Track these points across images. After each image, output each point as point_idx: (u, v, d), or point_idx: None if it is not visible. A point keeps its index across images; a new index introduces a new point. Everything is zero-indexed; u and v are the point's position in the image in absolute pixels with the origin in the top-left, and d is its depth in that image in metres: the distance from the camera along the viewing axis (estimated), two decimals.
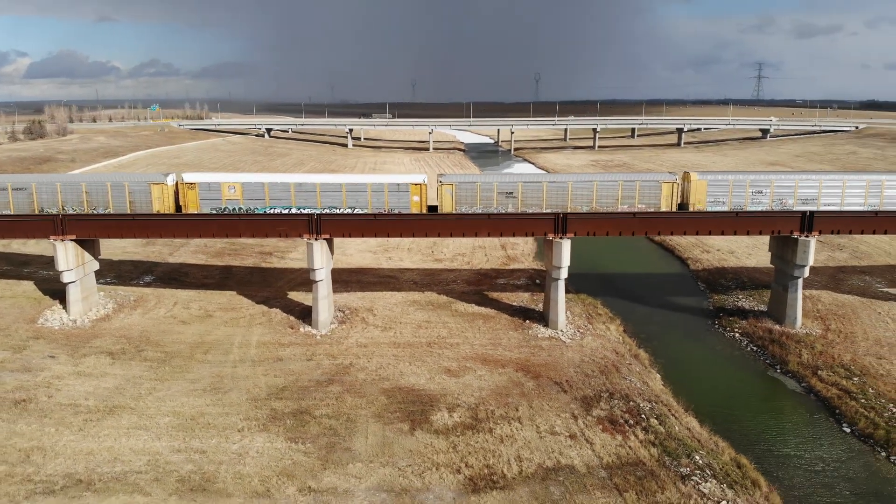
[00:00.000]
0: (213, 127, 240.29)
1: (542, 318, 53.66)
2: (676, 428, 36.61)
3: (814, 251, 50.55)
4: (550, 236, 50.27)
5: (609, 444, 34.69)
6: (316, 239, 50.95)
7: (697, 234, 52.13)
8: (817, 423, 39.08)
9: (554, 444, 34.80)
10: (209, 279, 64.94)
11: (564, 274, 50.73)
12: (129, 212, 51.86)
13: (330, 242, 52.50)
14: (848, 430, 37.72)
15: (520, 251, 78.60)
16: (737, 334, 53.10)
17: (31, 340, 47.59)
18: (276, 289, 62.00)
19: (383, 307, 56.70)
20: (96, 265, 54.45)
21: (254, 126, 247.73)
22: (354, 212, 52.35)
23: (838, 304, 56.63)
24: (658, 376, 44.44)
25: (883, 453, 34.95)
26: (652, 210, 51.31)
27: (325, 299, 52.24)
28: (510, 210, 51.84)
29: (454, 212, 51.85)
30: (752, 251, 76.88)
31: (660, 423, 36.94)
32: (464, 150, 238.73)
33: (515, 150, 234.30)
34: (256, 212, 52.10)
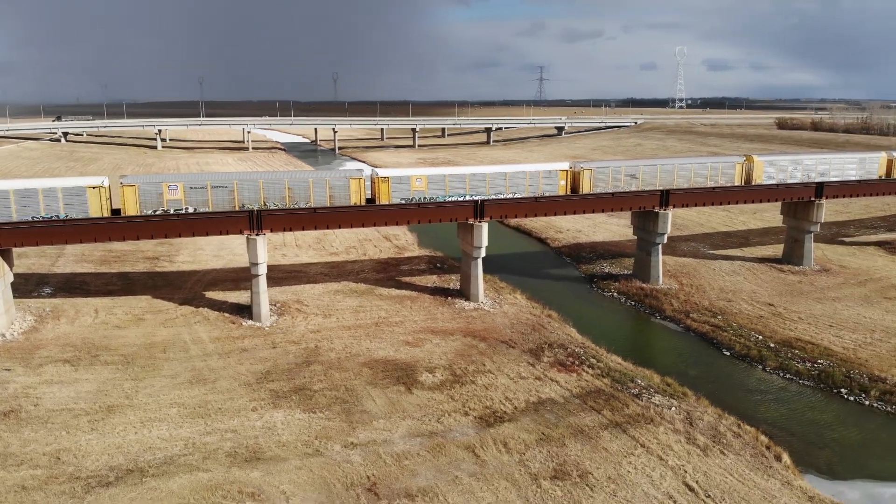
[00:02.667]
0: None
1: (461, 294, 60.80)
2: (611, 364, 45.82)
3: (670, 223, 63.39)
4: (471, 221, 57.59)
5: (569, 381, 42.88)
6: (258, 234, 53.39)
7: (593, 212, 63.12)
8: (704, 351, 50.75)
9: (528, 385, 42.21)
10: (112, 286, 63.15)
11: (483, 253, 58.35)
12: (328, 205, 54.65)
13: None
14: (728, 354, 49.69)
15: (404, 241, 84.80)
16: (614, 294, 64.53)
17: None
18: (189, 290, 62.29)
19: (310, 298, 60.13)
20: (12, 277, 51.58)
21: (47, 130, 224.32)
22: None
23: (681, 266, 70.56)
24: (573, 329, 53.63)
25: (759, 366, 47.10)
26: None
27: (265, 293, 54.70)
28: (632, 189, 62.88)
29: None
30: (595, 229, 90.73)
31: (597, 362, 45.95)
32: (284, 150, 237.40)
33: (339, 149, 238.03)
34: (437, 200, 57.90)
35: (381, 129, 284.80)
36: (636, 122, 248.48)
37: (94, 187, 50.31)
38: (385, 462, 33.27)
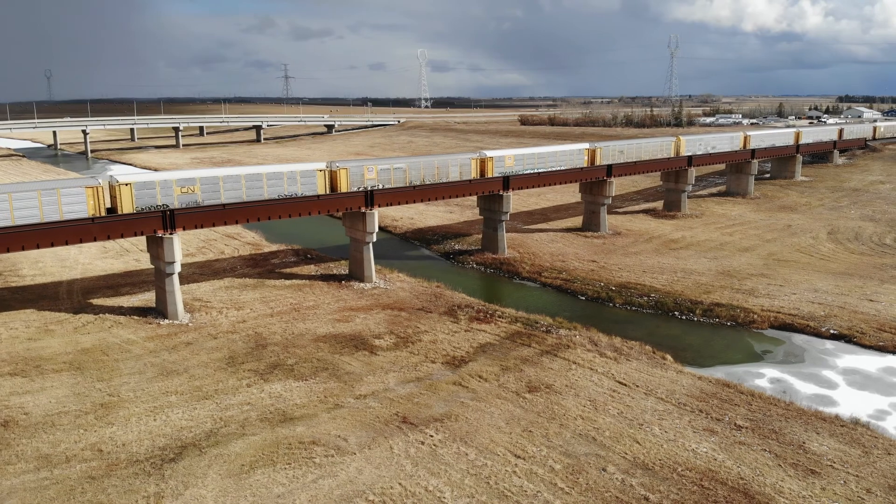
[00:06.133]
0: None
1: (352, 277, 67.34)
2: (512, 314, 56.84)
3: (511, 203, 76.54)
4: (364, 209, 64.53)
5: (492, 329, 52.97)
6: (171, 233, 54.68)
7: (456, 196, 73.55)
8: (566, 299, 64.24)
9: (463, 336, 51.37)
10: None
11: (374, 238, 65.68)
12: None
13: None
14: (583, 298, 63.78)
15: (251, 238, 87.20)
16: (473, 265, 76.06)
17: None
18: (71, 301, 60.14)
19: (206, 295, 62.12)
20: None
21: None
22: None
23: (511, 238, 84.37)
24: (464, 294, 63.67)
25: (610, 304, 61.71)
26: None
27: (178, 292, 56.10)
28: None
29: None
30: (424, 217, 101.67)
31: (501, 314, 56.70)
32: (26, 156, 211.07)
33: (92, 152, 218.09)
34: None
35: (132, 130, 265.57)
36: (399, 121, 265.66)
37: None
38: (399, 402, 40.24)
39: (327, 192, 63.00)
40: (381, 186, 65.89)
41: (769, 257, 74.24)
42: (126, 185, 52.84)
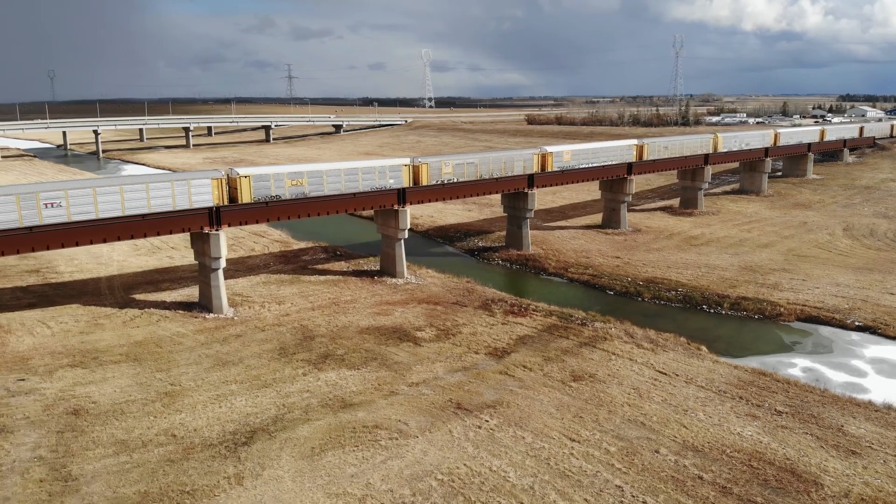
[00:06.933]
0: None
1: (384, 273, 68.96)
2: (546, 308, 58.51)
3: (536, 201, 78.22)
4: (397, 207, 66.19)
5: (529, 322, 54.64)
6: (217, 230, 56.37)
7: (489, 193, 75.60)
8: (594, 293, 65.93)
9: (501, 329, 53.05)
10: (24, 300, 59.95)
11: (406, 235, 67.34)
12: None
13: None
14: (611, 293, 65.47)
15: (278, 236, 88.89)
16: (499, 261, 77.76)
17: None
18: (113, 296, 61.74)
19: (246, 290, 63.81)
20: None
21: None
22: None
23: (533, 235, 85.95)
24: (494, 289, 65.36)
25: (639, 298, 63.41)
26: None
27: (223, 286, 57.81)
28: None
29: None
30: (443, 215, 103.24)
31: (535, 308, 58.38)
32: (37, 157, 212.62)
33: (103, 152, 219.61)
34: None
35: (140, 130, 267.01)
36: (406, 121, 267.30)
37: None
38: (451, 390, 41.90)
39: (411, 185, 67.55)
40: (455, 180, 70.78)
41: (789, 253, 75.96)
42: (245, 177, 57.52)
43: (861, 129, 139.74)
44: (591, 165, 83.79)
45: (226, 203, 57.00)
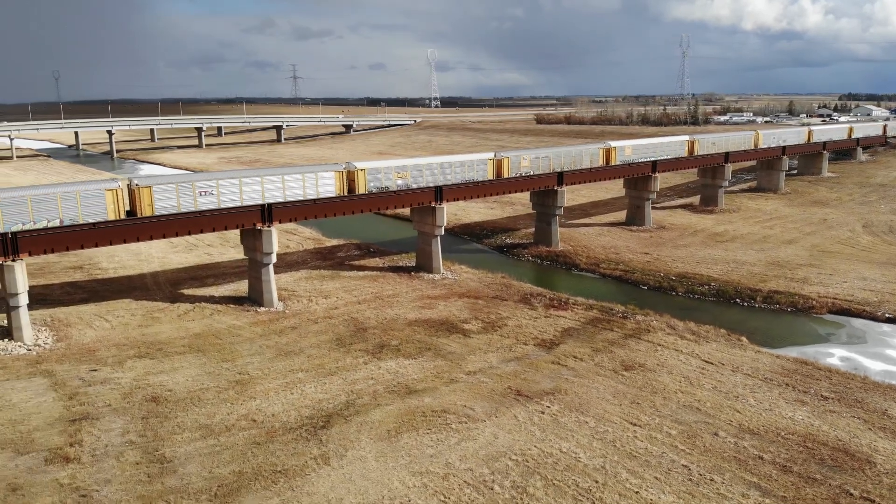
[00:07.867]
0: None
1: (420, 269, 70.77)
2: (584, 301, 60.36)
3: (565, 198, 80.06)
4: (434, 204, 68.05)
5: (571, 315, 56.48)
6: (269, 226, 58.22)
7: (511, 192, 77.17)
8: (628, 288, 67.72)
9: (545, 322, 54.88)
10: (75, 295, 61.78)
11: (443, 232, 69.21)
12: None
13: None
14: (645, 288, 67.30)
15: (309, 234, 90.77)
16: (529, 258, 79.60)
17: (30, 368, 44.30)
18: (162, 291, 63.59)
19: (290, 284, 65.57)
20: None
21: None
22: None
23: (560, 233, 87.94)
24: (531, 284, 67.20)
25: (673, 293, 65.26)
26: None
27: (273, 281, 59.63)
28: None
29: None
30: (467, 212, 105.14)
31: (574, 301, 60.23)
32: (51, 157, 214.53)
33: (117, 152, 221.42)
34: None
35: (152, 130, 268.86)
36: (416, 121, 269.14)
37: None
38: (508, 378, 43.73)
39: (492, 178, 74.23)
40: (532, 173, 76.98)
41: (813, 249, 77.83)
42: (361, 170, 63.96)
43: (884, 126, 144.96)
44: (647, 160, 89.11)
45: (345, 193, 63.33)
